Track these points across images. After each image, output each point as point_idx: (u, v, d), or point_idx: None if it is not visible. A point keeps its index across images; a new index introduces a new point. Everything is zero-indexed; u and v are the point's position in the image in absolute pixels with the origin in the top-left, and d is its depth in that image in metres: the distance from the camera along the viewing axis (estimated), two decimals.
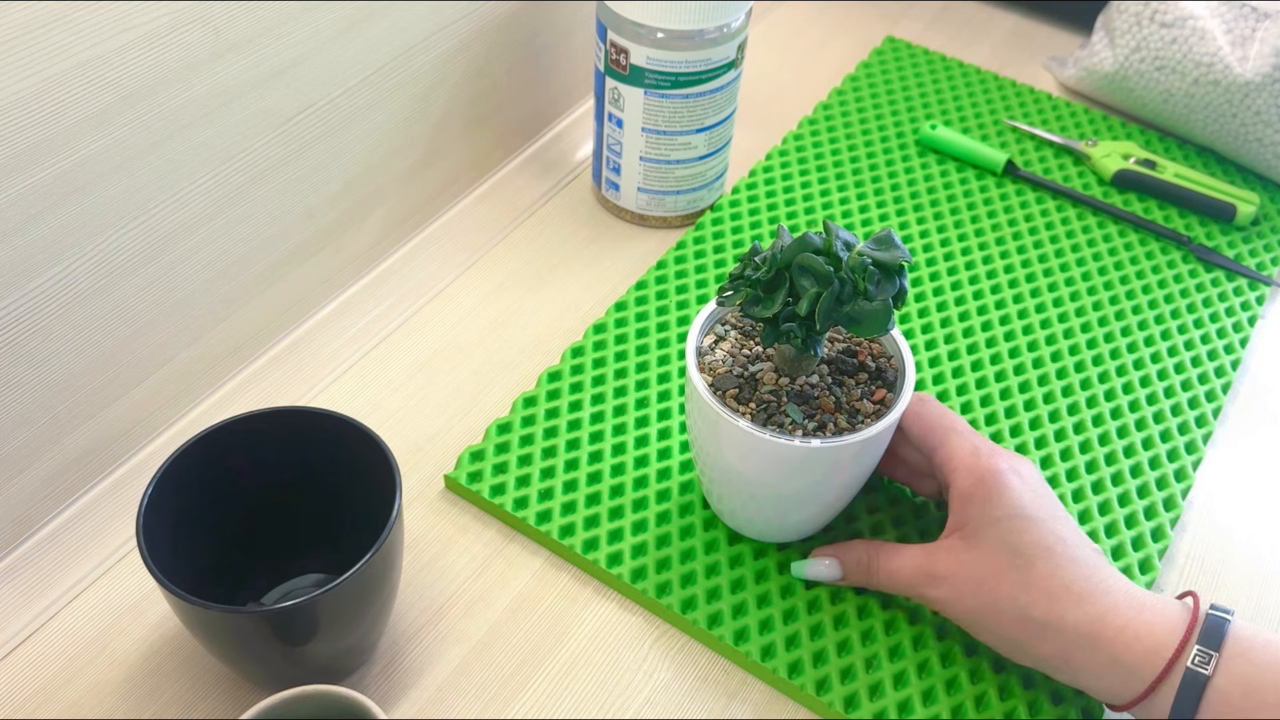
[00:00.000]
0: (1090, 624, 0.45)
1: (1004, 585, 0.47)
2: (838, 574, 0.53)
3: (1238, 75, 0.75)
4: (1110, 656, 0.45)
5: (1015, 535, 0.48)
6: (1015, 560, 0.47)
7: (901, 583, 0.51)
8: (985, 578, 0.48)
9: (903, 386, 0.51)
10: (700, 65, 0.66)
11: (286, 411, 0.50)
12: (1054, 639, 0.46)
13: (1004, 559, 0.47)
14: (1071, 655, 0.46)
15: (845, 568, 0.53)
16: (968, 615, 0.48)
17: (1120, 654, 0.45)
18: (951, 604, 0.49)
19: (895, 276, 0.47)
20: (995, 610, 0.47)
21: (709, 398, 0.49)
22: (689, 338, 0.52)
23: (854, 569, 0.53)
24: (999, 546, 0.48)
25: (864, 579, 0.52)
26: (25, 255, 0.49)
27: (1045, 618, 0.46)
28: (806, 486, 0.51)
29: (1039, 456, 0.61)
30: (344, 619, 0.46)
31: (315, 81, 0.59)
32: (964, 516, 0.49)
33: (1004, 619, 0.47)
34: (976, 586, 0.48)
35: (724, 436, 0.50)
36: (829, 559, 0.53)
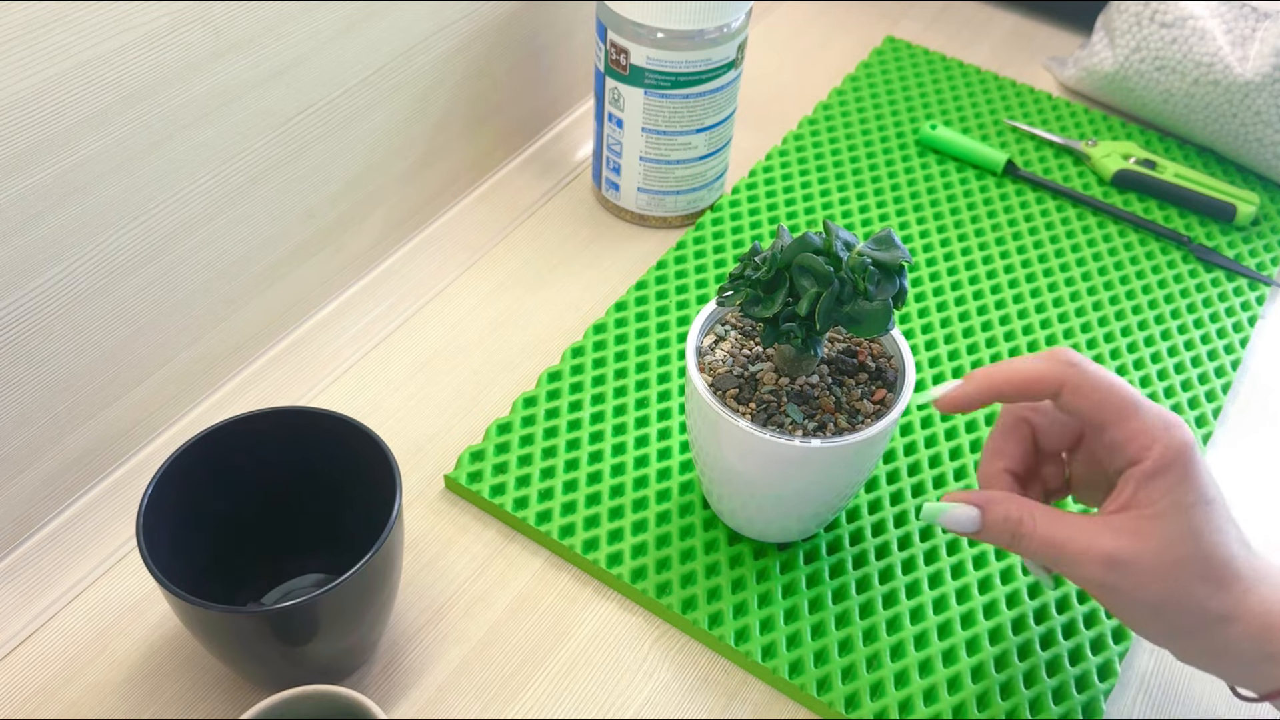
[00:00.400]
0: (1258, 616, 0.43)
1: (1188, 578, 0.44)
2: (977, 528, 0.47)
3: (1238, 75, 0.75)
4: (1269, 651, 0.43)
5: (1201, 522, 0.44)
6: (1199, 550, 0.44)
7: (1063, 556, 0.45)
8: (1170, 569, 0.44)
9: (903, 386, 0.51)
10: (700, 65, 0.66)
11: (286, 411, 0.50)
12: (1221, 630, 0.44)
13: (1190, 549, 0.44)
14: (1231, 644, 0.44)
15: (989, 521, 0.46)
16: (1140, 605, 0.44)
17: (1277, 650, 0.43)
18: (1123, 591, 0.44)
19: (895, 276, 0.47)
20: (1175, 604, 0.44)
21: (709, 398, 0.49)
22: (689, 338, 0.52)
23: (1000, 525, 0.46)
24: (1186, 535, 0.44)
25: (1008, 541, 0.46)
26: (25, 255, 0.49)
27: (1220, 611, 0.43)
28: (807, 486, 0.51)
29: None
30: (344, 619, 0.46)
31: (315, 81, 0.59)
32: (1148, 494, 0.44)
33: (1180, 612, 0.44)
34: (1159, 578, 0.44)
35: (724, 436, 0.50)
36: (970, 508, 0.47)
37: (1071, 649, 0.53)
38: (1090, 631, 0.53)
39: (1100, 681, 0.52)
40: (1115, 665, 0.52)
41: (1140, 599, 0.44)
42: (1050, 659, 0.52)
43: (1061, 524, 0.45)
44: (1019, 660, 0.52)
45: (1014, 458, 0.49)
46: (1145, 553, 0.44)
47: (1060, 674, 0.52)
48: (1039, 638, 0.53)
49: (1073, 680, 0.51)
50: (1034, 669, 0.52)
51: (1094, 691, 0.51)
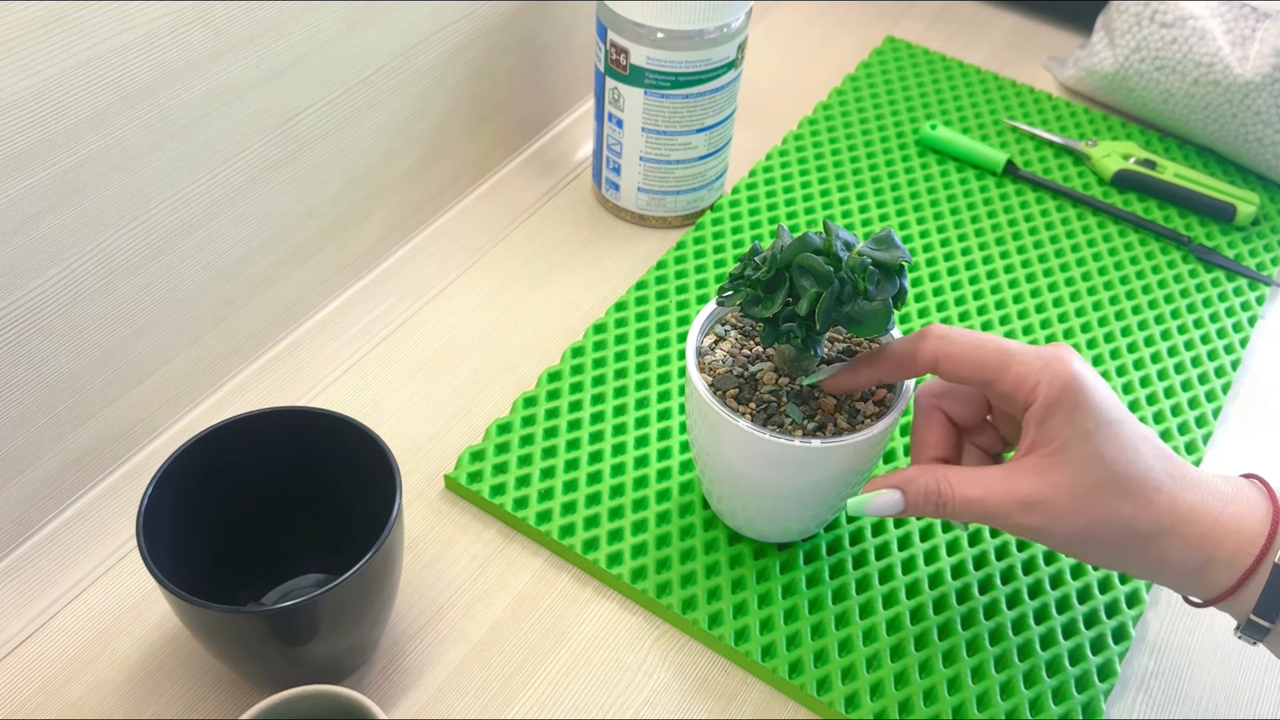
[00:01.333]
0: (1185, 524, 0.44)
1: (1106, 501, 0.45)
2: (901, 506, 0.48)
3: (1238, 75, 0.75)
4: (1205, 554, 0.44)
5: (1107, 445, 0.45)
6: (1112, 472, 0.44)
7: (985, 511, 0.46)
8: (1084, 497, 0.45)
9: (903, 386, 0.51)
10: (700, 65, 0.66)
11: (286, 411, 0.50)
12: (1154, 545, 0.45)
13: (1101, 473, 0.44)
14: (1168, 556, 0.45)
15: (910, 499, 0.48)
16: (1066, 538, 0.45)
17: (1214, 550, 0.44)
18: (1047, 529, 0.45)
19: (895, 276, 0.47)
20: (1100, 528, 0.45)
21: (709, 398, 0.49)
22: (689, 338, 0.52)
23: (920, 499, 0.48)
24: (1094, 461, 0.45)
25: (933, 510, 0.48)
26: (25, 255, 0.49)
27: (1148, 527, 0.44)
28: (807, 486, 0.51)
29: None
30: (344, 619, 0.46)
31: (315, 81, 0.59)
32: (1047, 432, 0.45)
33: (1107, 534, 0.45)
34: (1076, 507, 0.45)
35: (724, 436, 0.50)
36: (892, 490, 0.48)
37: (1071, 649, 0.53)
38: (1090, 631, 0.53)
39: (1100, 681, 0.52)
40: (1115, 665, 0.52)
41: (1068, 532, 0.45)
42: (1050, 659, 0.52)
43: (976, 481, 0.47)
44: (1019, 660, 0.52)
45: (938, 445, 0.51)
46: (1057, 487, 0.45)
47: (1060, 674, 0.52)
48: (1039, 638, 0.53)
49: (1073, 680, 0.51)
50: (1034, 669, 0.52)
51: (1094, 691, 0.51)
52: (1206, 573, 0.45)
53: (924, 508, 0.48)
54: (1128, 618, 0.54)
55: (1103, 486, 0.45)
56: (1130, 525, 0.45)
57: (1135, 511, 0.45)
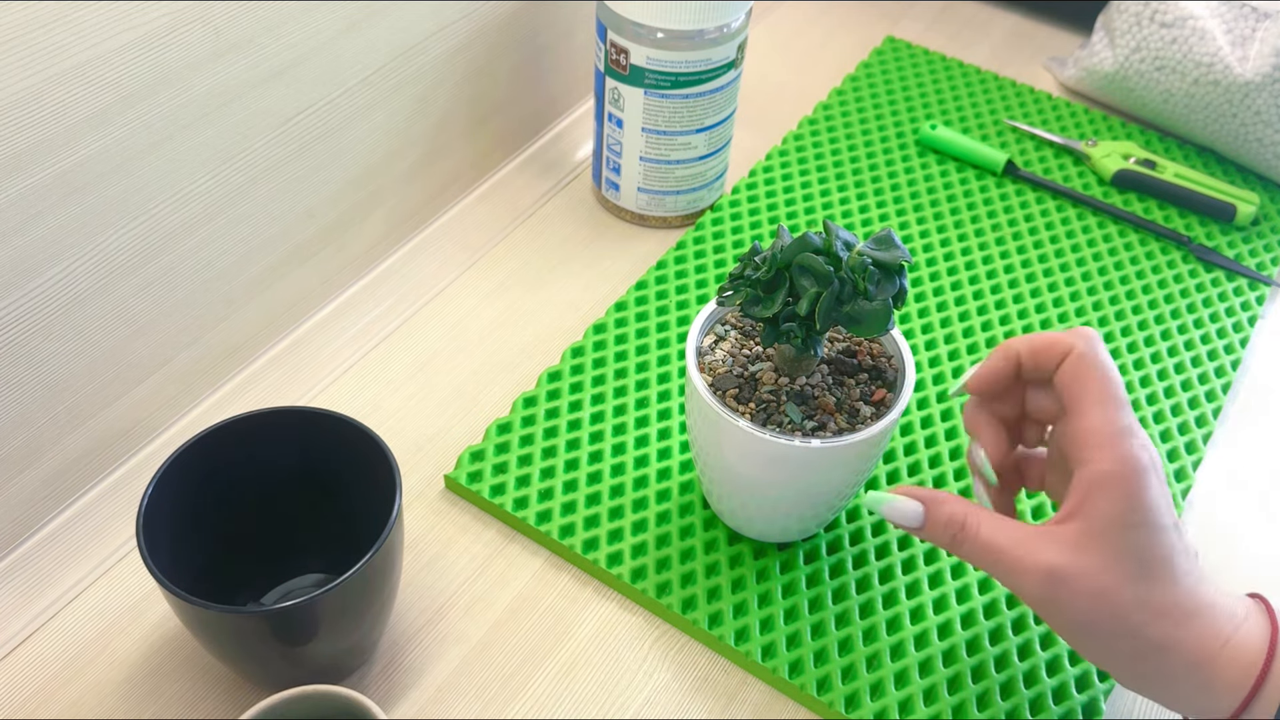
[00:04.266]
0: (1196, 648, 0.42)
1: (1126, 599, 0.42)
2: (919, 524, 0.46)
3: (1238, 75, 0.75)
4: (1206, 679, 0.42)
5: (1146, 548, 0.42)
6: (1142, 573, 0.42)
7: (1001, 563, 0.44)
8: (1108, 588, 0.42)
9: (902, 386, 0.51)
10: (700, 65, 0.66)
11: (286, 411, 0.50)
12: (1158, 658, 0.42)
13: (1132, 569, 0.42)
14: (1168, 672, 0.43)
15: (931, 518, 0.46)
16: (1071, 622, 0.43)
17: (1221, 673, 0.42)
18: (1056, 604, 0.43)
19: (895, 276, 0.47)
20: (1112, 624, 0.42)
21: (709, 398, 0.49)
22: (689, 338, 0.52)
23: (941, 524, 0.45)
24: (1128, 555, 0.42)
25: (948, 539, 0.45)
26: (25, 255, 0.49)
27: (1156, 637, 0.42)
28: (806, 486, 0.51)
29: None
30: (344, 619, 0.46)
31: (315, 81, 0.59)
32: (1092, 509, 0.43)
33: (1119, 636, 0.42)
34: (1092, 595, 0.42)
35: (724, 436, 0.50)
36: (914, 503, 0.46)
37: (1071, 649, 0.53)
38: None
39: (1100, 681, 0.52)
40: None
41: (1077, 617, 0.43)
42: (1050, 659, 0.52)
43: (1003, 530, 0.44)
44: (1019, 660, 0.52)
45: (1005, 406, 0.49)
46: (1085, 569, 0.42)
47: (1060, 674, 0.52)
48: (1039, 638, 0.53)
49: (1073, 680, 0.51)
50: (1034, 669, 0.52)
51: (1094, 691, 0.51)
52: (1202, 699, 0.43)
53: (940, 534, 0.46)
54: None
55: (1127, 584, 0.42)
56: (1141, 632, 0.42)
57: (1150, 620, 0.42)
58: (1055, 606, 0.43)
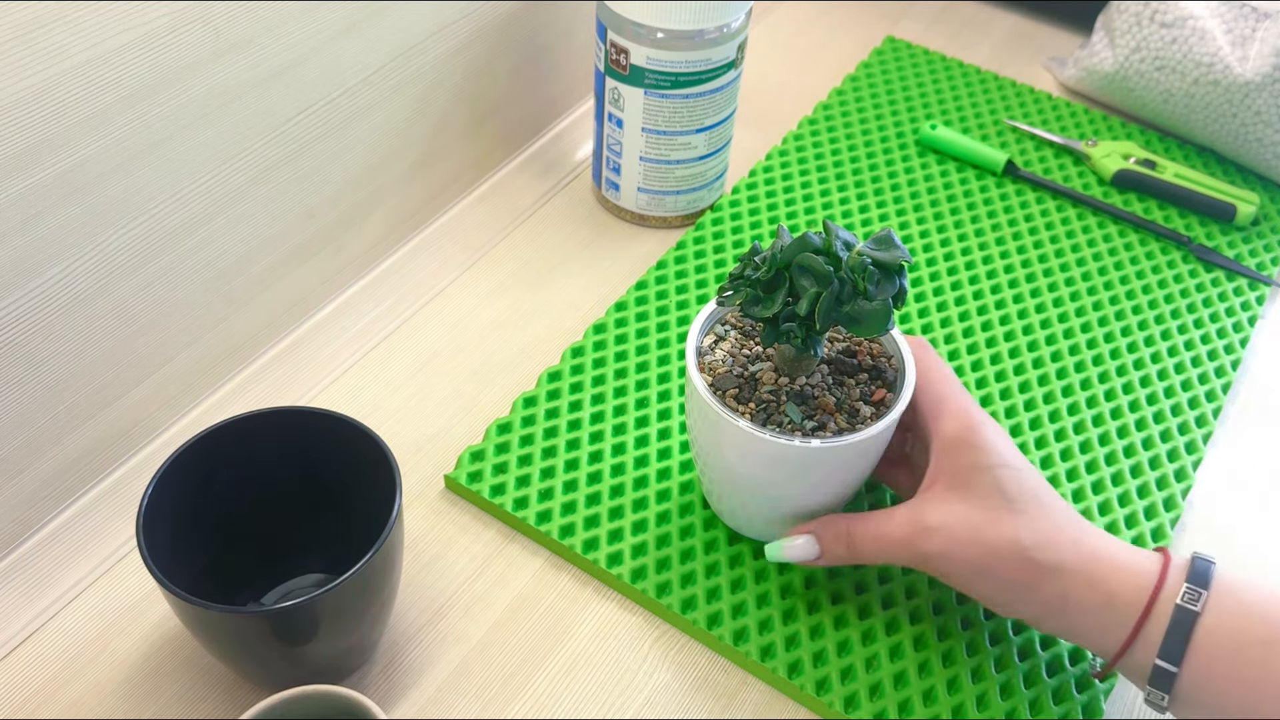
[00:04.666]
0: (1088, 562, 0.45)
1: (1004, 530, 0.46)
2: (815, 551, 0.51)
3: (1238, 75, 0.75)
4: (1106, 594, 0.45)
5: (1007, 482, 0.47)
6: (1012, 506, 0.46)
7: (892, 544, 0.48)
8: (982, 525, 0.46)
9: (902, 386, 0.51)
10: (700, 65, 0.66)
11: (286, 411, 0.50)
12: (1055, 580, 0.45)
13: (999, 504, 0.46)
14: (1070, 595, 0.45)
15: (824, 543, 0.50)
16: (966, 567, 0.47)
17: (1116, 590, 0.45)
18: (948, 555, 0.47)
19: (895, 276, 0.47)
20: (995, 557, 0.46)
21: (709, 398, 0.49)
22: (689, 338, 0.52)
23: (832, 543, 0.50)
24: (992, 493, 0.47)
25: (845, 552, 0.50)
26: (25, 255, 0.49)
27: (1046, 559, 0.45)
28: (806, 487, 0.51)
29: (1039, 457, 0.61)
30: (344, 619, 0.46)
31: (315, 81, 0.59)
32: (950, 465, 0.48)
33: (1005, 565, 0.46)
34: (974, 534, 0.46)
35: (724, 436, 0.50)
36: (804, 536, 0.51)
37: (1071, 649, 0.53)
38: None
39: (1100, 681, 0.52)
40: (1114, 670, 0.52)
41: (966, 558, 0.47)
42: (1050, 659, 0.52)
43: (880, 518, 0.49)
44: (1019, 661, 0.52)
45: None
46: (957, 514, 0.47)
47: (1060, 674, 0.52)
48: (1039, 638, 0.53)
49: (1073, 680, 0.51)
50: (1034, 669, 0.52)
51: (1094, 691, 0.51)
52: (1109, 614, 0.45)
53: (836, 550, 0.50)
54: None
55: (1002, 517, 0.46)
56: (1028, 555, 0.46)
57: (1035, 542, 0.46)
58: (945, 560, 0.47)
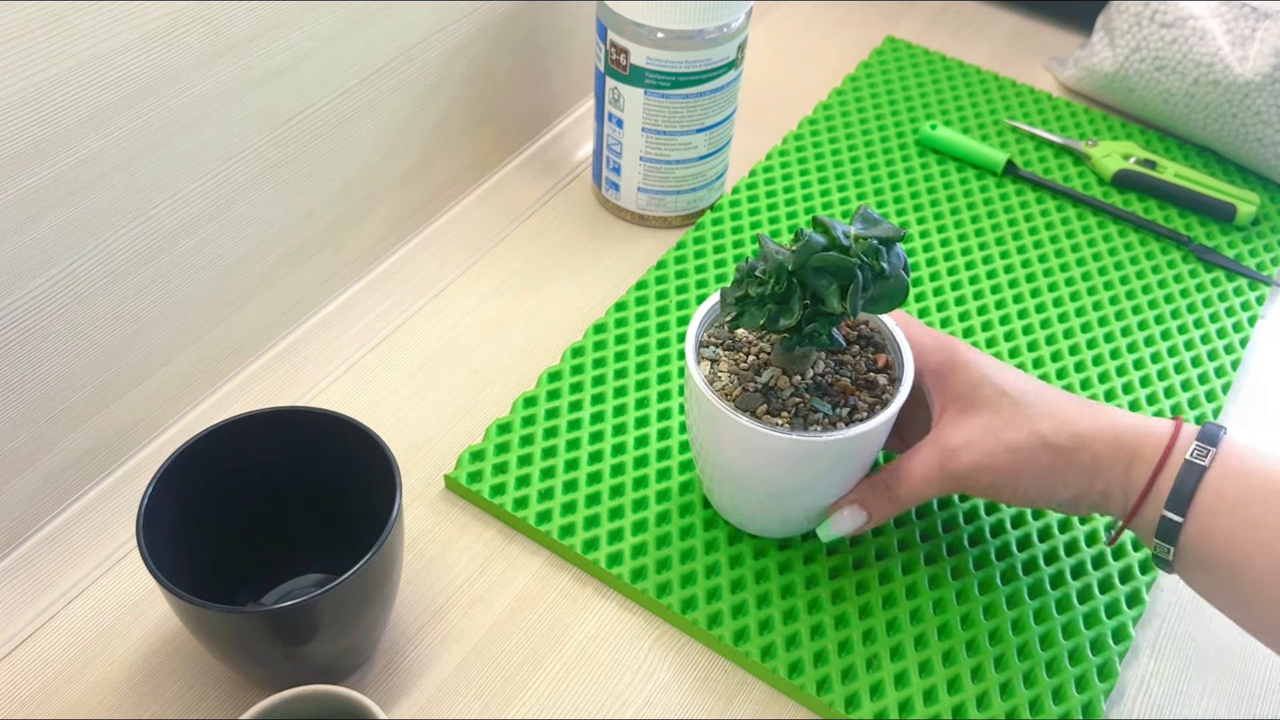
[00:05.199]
0: (1109, 427, 0.48)
1: (1019, 425, 0.49)
2: (863, 517, 0.52)
3: (1238, 75, 0.75)
4: (1131, 451, 0.47)
5: (1006, 385, 0.50)
6: (1019, 404, 0.49)
7: (927, 478, 0.50)
8: (1001, 428, 0.49)
9: (901, 384, 0.51)
10: (700, 65, 0.66)
11: (286, 411, 0.50)
12: (1084, 452, 0.48)
13: (1007, 405, 0.49)
14: (1099, 460, 0.48)
15: (868, 505, 0.52)
16: (1000, 472, 0.49)
17: (1137, 448, 0.47)
18: (981, 466, 0.49)
19: (897, 248, 0.48)
20: (1022, 454, 0.49)
21: (708, 393, 0.49)
22: (688, 334, 0.52)
23: (875, 504, 0.52)
24: (995, 397, 0.50)
25: (890, 505, 0.52)
26: (25, 255, 0.49)
27: (1072, 439, 0.48)
28: (805, 480, 0.51)
29: None
30: (344, 619, 0.46)
31: (315, 81, 0.59)
32: (949, 389, 0.51)
33: (1033, 459, 0.48)
34: (997, 439, 0.49)
35: (722, 431, 0.50)
36: (849, 507, 0.52)
37: (1071, 649, 0.53)
38: (1090, 632, 0.53)
39: (1100, 681, 0.52)
40: (1115, 665, 0.52)
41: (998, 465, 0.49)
42: (1050, 659, 0.52)
43: (911, 459, 0.51)
44: (1019, 661, 0.52)
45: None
46: (974, 427, 0.49)
47: (1060, 674, 0.52)
48: (1039, 638, 0.53)
49: (1073, 680, 0.51)
50: (1034, 669, 0.52)
51: (1094, 691, 0.51)
52: (1132, 472, 0.47)
53: (882, 508, 0.52)
54: (1128, 618, 0.54)
55: (1015, 416, 0.49)
56: (1050, 440, 0.48)
57: (1051, 427, 0.48)
58: (979, 473, 0.49)
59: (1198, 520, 0.46)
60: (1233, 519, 0.45)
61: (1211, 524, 0.45)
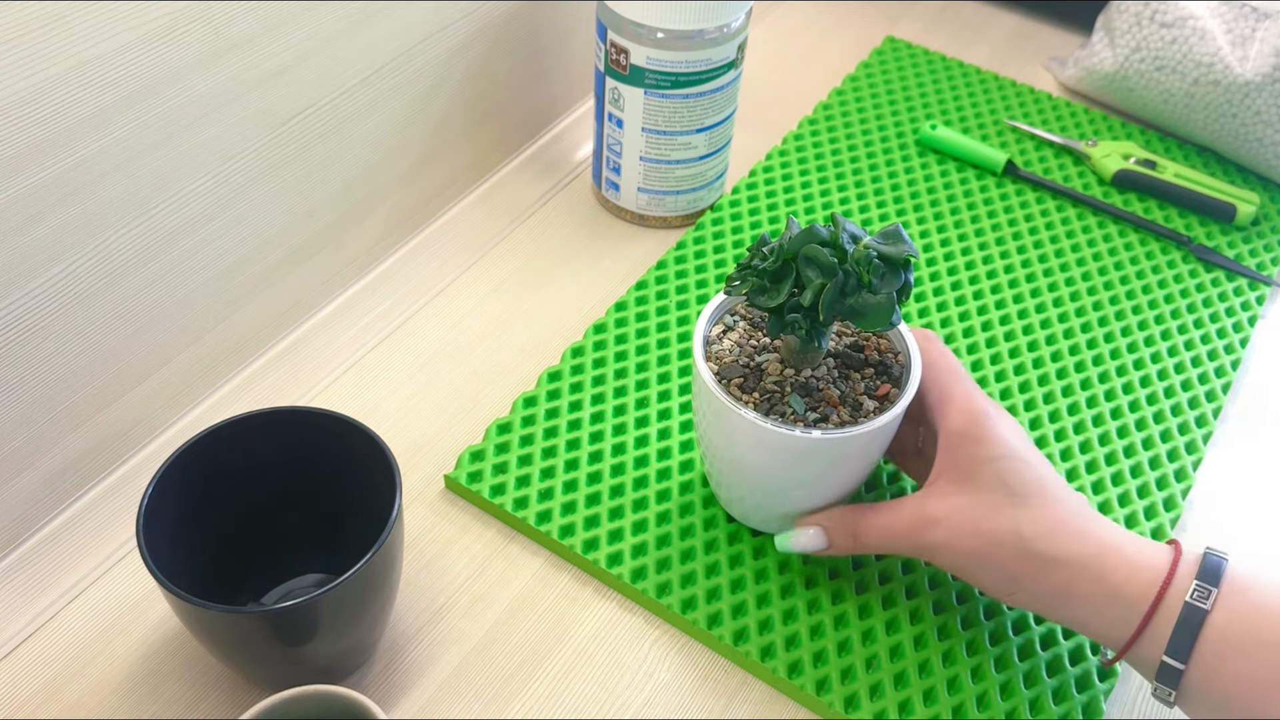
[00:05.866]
0: (1093, 556, 0.45)
1: (1004, 521, 0.46)
2: (823, 542, 0.51)
3: (1238, 75, 0.75)
4: (1112, 588, 0.45)
5: (1010, 474, 0.47)
6: (1012, 498, 0.47)
7: (896, 535, 0.49)
8: (983, 517, 0.47)
9: (908, 382, 0.51)
10: (700, 65, 0.66)
11: (286, 411, 0.50)
12: (1057, 572, 0.45)
13: (1001, 497, 0.47)
14: (1074, 588, 0.45)
15: (831, 535, 0.51)
16: (967, 558, 0.47)
17: (1122, 585, 0.44)
18: (949, 547, 0.47)
19: (900, 270, 0.47)
20: (996, 547, 0.46)
21: (715, 387, 0.49)
22: (696, 328, 0.52)
23: (840, 535, 0.51)
24: (995, 485, 0.47)
25: (851, 543, 0.51)
26: (25, 255, 0.49)
27: (1049, 551, 0.45)
28: (810, 477, 0.51)
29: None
30: (344, 619, 0.46)
31: (315, 81, 0.59)
32: (954, 458, 0.48)
33: (1005, 555, 0.46)
34: (974, 526, 0.47)
35: (729, 426, 0.50)
36: (813, 527, 0.52)
37: (1071, 649, 0.53)
38: None
39: (1100, 681, 0.52)
40: (1115, 665, 0.52)
41: (967, 549, 0.47)
42: (1050, 659, 0.52)
43: (886, 511, 0.50)
44: (1019, 661, 0.52)
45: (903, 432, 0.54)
46: (959, 507, 0.47)
47: (1060, 674, 0.52)
48: (1039, 638, 0.53)
49: (1073, 680, 0.51)
50: (1034, 669, 0.52)
51: (1094, 691, 0.51)
52: (1115, 608, 0.45)
53: (843, 542, 0.51)
54: None
55: (1002, 508, 0.46)
56: (1027, 546, 0.46)
57: (1036, 534, 0.46)
58: (947, 551, 0.48)
59: (1203, 665, 0.43)
60: (1243, 661, 0.42)
61: (1219, 667, 0.43)
